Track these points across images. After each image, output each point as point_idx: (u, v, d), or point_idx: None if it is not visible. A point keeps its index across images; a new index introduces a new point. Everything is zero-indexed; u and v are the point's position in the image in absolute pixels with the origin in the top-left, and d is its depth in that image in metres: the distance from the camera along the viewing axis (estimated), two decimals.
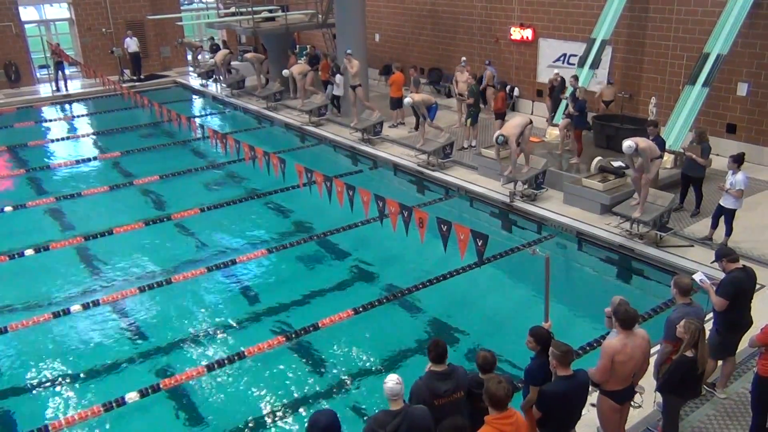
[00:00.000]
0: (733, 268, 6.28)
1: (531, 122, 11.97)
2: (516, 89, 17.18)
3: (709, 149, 10.51)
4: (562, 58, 16.28)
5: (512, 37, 17.23)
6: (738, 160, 9.24)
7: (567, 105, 13.18)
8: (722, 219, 9.52)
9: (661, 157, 10.31)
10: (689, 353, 5.38)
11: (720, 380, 6.66)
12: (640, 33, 14.47)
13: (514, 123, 11.76)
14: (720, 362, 6.62)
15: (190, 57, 24.65)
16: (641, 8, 14.30)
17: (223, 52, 21.26)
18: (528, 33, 16.86)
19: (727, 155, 10.00)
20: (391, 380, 4.66)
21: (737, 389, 6.74)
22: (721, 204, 9.43)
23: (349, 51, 16.14)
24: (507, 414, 4.50)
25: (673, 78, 13.89)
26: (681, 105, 12.55)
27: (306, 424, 4.48)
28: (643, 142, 9.76)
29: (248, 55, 20.19)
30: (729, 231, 9.51)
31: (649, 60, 14.43)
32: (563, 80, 14.37)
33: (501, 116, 14.74)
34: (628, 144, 9.61)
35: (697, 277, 6.29)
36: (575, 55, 15.38)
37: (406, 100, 14.12)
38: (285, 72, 17.99)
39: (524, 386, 5.47)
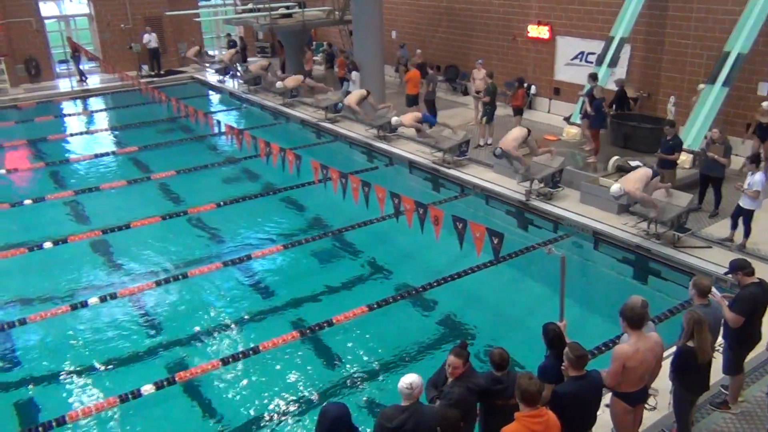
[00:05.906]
0: (749, 282, 6.01)
1: (529, 132, 12.17)
2: (533, 87, 17.13)
3: (730, 149, 10.40)
4: (579, 56, 16.17)
5: (529, 35, 17.14)
6: (755, 160, 9.13)
7: (583, 104, 13.10)
8: (741, 219, 9.42)
9: (677, 160, 10.35)
10: (690, 343, 5.36)
11: (730, 397, 6.47)
12: (659, 31, 14.33)
13: (512, 137, 11.95)
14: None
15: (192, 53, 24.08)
16: (660, 6, 14.15)
17: (230, 52, 22.05)
18: (544, 31, 16.76)
19: (746, 156, 9.88)
20: (404, 383, 4.65)
21: (754, 393, 6.67)
22: (740, 204, 9.33)
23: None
24: (538, 413, 4.45)
25: (692, 77, 13.72)
26: (700, 104, 12.41)
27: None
28: (632, 185, 9.61)
29: (252, 68, 20.31)
30: (747, 232, 9.41)
31: (668, 59, 14.29)
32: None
33: (519, 112, 14.75)
34: (615, 188, 9.64)
35: None
36: (593, 53, 15.27)
37: (395, 120, 14.40)
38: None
39: None
